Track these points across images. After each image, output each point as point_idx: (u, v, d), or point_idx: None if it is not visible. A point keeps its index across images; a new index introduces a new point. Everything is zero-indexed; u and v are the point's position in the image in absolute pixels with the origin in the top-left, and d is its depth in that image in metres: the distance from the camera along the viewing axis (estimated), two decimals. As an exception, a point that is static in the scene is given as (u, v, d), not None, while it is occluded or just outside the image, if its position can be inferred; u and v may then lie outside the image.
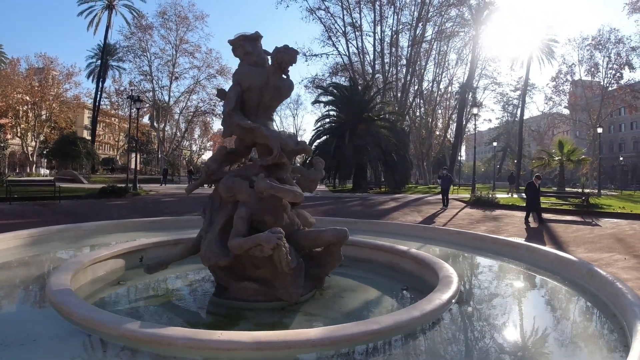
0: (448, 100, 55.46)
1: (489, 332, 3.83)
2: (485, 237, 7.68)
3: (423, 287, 5.01)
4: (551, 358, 3.23)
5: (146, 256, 5.91)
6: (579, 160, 25.79)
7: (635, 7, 36.97)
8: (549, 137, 61.04)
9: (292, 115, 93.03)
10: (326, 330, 2.88)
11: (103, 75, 48.92)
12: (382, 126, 32.20)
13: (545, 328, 3.91)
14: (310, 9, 42.91)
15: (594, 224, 13.20)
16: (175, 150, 58.43)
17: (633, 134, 69.71)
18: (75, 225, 7.44)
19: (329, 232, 4.62)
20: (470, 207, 18.22)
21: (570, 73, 50.23)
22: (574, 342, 3.54)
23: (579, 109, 53.37)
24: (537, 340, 3.62)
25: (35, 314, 3.69)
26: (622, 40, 44.31)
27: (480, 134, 73.25)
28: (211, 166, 4.80)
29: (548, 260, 5.89)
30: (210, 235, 4.38)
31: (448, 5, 42.34)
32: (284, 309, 4.28)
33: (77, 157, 38.08)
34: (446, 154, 57.70)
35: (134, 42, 46.49)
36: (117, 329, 2.78)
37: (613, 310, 3.96)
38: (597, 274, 4.80)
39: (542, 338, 3.67)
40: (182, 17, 47.74)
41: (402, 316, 3.26)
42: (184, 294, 4.98)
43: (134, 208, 14.51)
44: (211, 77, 50.05)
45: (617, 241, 9.47)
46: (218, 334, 2.64)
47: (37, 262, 5.80)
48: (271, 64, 4.73)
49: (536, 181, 14.12)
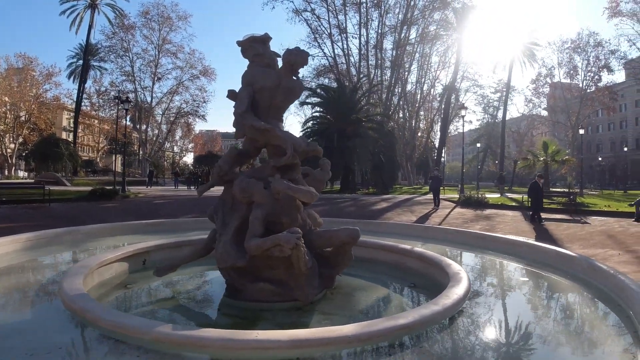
0: (430, 102, 56.20)
1: (507, 322, 4.00)
2: (485, 235, 7.85)
3: (430, 285, 5.13)
4: (570, 342, 3.44)
5: (149, 259, 5.85)
6: (563, 161, 26.49)
7: (615, 12, 38.10)
8: (528, 138, 62.44)
9: None
10: (360, 326, 2.91)
11: (84, 76, 47.95)
12: (369, 128, 32.43)
13: (557, 317, 4.13)
14: (296, 11, 42.98)
15: (583, 221, 13.56)
16: (158, 152, 57.65)
17: (610, 135, 71.92)
18: (72, 229, 7.29)
19: (342, 232, 4.66)
20: (460, 207, 18.53)
21: (549, 75, 51.57)
22: (587, 329, 3.76)
23: (558, 110, 54.76)
24: (553, 328, 3.81)
25: (53, 321, 3.58)
26: (601, 44, 45.66)
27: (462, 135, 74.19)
28: (223, 167, 4.78)
29: (549, 257, 6.06)
30: (225, 237, 4.36)
31: (432, 8, 42.94)
32: (300, 309, 4.29)
33: (59, 159, 37.16)
34: (429, 156, 58.58)
35: (116, 42, 45.88)
36: (149, 332, 2.73)
37: (617, 301, 4.13)
38: (599, 268, 4.99)
39: (556, 325, 3.87)
40: (165, 17, 47.40)
41: (426, 311, 3.33)
42: (195, 296, 4.96)
43: (127, 210, 14.28)
44: (194, 78, 49.75)
45: (608, 238, 9.78)
46: (255, 333, 2.64)
47: (41, 267, 5.70)
48: (283, 65, 4.75)
49: (539, 180, 14.32)
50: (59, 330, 3.32)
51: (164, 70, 49.12)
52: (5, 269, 5.35)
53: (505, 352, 3.27)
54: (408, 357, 2.96)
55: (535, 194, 13.78)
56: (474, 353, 3.20)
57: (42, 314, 3.81)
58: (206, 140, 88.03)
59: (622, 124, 70.01)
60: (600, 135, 72.94)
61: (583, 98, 48.66)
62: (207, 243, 4.97)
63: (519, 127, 64.54)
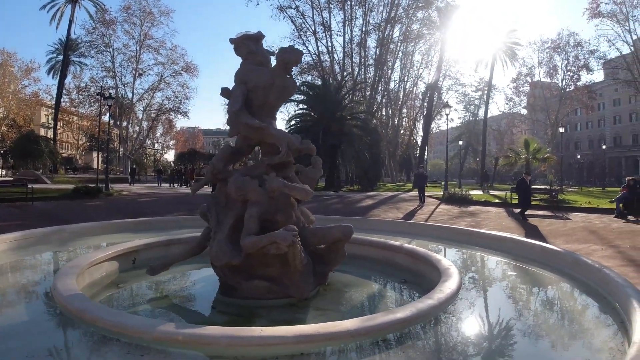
0: (413, 101, 56.76)
1: (499, 314, 4.16)
2: (471, 231, 8.01)
3: (420, 280, 5.24)
4: (560, 331, 3.63)
5: (139, 258, 5.80)
6: (544, 159, 27.16)
7: (595, 12, 39.06)
8: (508, 136, 63.71)
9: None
10: (360, 320, 2.96)
11: (64, 71, 46.86)
12: (354, 125, 32.59)
13: (546, 308, 4.34)
14: (280, 7, 42.78)
15: (565, 218, 13.91)
16: (139, 149, 56.77)
17: (588, 133, 73.93)
18: (59, 228, 7.16)
19: (336, 229, 4.72)
20: (445, 204, 18.83)
21: (530, 75, 52.69)
22: (577, 320, 3.92)
23: (538, 109, 56.01)
24: (544, 318, 4.02)
25: (49, 322, 3.54)
26: (580, 44, 46.83)
27: (443, 133, 75.44)
28: (217, 165, 4.78)
29: (534, 252, 6.20)
30: (220, 235, 4.36)
31: (416, 7, 43.29)
32: (294, 306, 4.33)
33: (40, 156, 36.24)
34: (411, 153, 59.29)
35: (97, 37, 44.90)
36: (152, 332, 2.70)
37: (603, 294, 4.30)
38: (584, 263, 5.15)
39: (547, 316, 4.09)
40: (147, 12, 46.64)
41: (423, 305, 3.41)
42: (188, 295, 4.96)
43: (112, 209, 14.05)
44: (176, 74, 49.10)
45: (590, 233, 10.09)
46: (259, 330, 2.67)
47: (31, 267, 5.60)
48: (276, 63, 4.76)
49: (526, 178, 14.51)
50: (56, 331, 3.29)
51: (146, 66, 48.38)
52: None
53: (499, 340, 3.44)
54: (405, 350, 3.03)
55: (523, 191, 13.94)
56: (470, 342, 3.34)
57: (37, 315, 3.74)
58: (188, 137, 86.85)
59: (600, 122, 72.03)
60: (579, 134, 74.88)
61: (562, 97, 49.89)
62: (200, 241, 4.97)
63: (500, 125, 65.80)
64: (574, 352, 3.24)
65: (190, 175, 35.00)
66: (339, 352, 2.86)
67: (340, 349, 2.86)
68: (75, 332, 3.18)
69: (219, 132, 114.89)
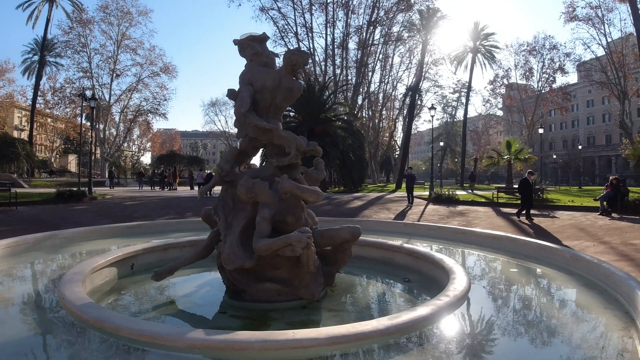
0: (392, 102, 57.39)
1: (509, 307, 4.38)
2: (466, 230, 8.15)
3: (422, 279, 5.32)
4: (573, 323, 3.81)
5: (136, 263, 5.70)
6: (526, 159, 27.89)
7: (571, 16, 40.23)
8: (485, 137, 65.12)
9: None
10: (389, 319, 2.99)
11: (41, 72, 45.48)
12: (339, 127, 32.71)
13: (554, 302, 4.52)
14: (262, 8, 42.63)
15: (552, 216, 14.27)
16: (117, 152, 55.55)
17: (562, 133, 76.17)
18: (51, 233, 6.94)
19: (344, 230, 4.74)
20: (433, 204, 19.09)
21: (506, 77, 54.00)
22: (585, 312, 4.07)
23: (515, 110, 57.44)
24: (553, 311, 4.17)
25: (65, 333, 3.38)
26: (556, 47, 48.27)
27: (421, 134, 76.86)
28: (224, 167, 4.72)
29: (530, 249, 6.37)
30: (232, 238, 4.30)
31: (397, 10, 43.77)
32: (305, 307, 4.33)
33: (16, 159, 34.97)
34: (390, 155, 59.94)
35: (73, 37, 43.75)
36: (182, 339, 2.63)
37: (604, 287, 4.49)
38: (582, 258, 5.34)
39: (555, 309, 4.24)
40: (125, 12, 45.75)
41: (441, 302, 3.47)
42: (194, 299, 4.84)
43: (100, 213, 13.71)
44: (154, 75, 48.31)
45: (579, 230, 10.40)
46: (291, 333, 2.66)
47: (30, 275, 5.42)
48: (283, 65, 4.74)
49: (529, 177, 14.37)
50: (75, 343, 3.15)
51: (123, 67, 47.45)
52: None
53: (516, 329, 3.64)
54: (432, 346, 3.09)
55: (525, 191, 13.86)
56: (492, 333, 3.56)
57: (50, 327, 3.57)
58: (165, 139, 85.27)
59: (573, 123, 74.31)
60: (553, 134, 77.06)
61: (538, 98, 51.29)
62: (207, 245, 4.90)
63: (476, 126, 67.18)
64: (590, 339, 3.40)
65: (173, 178, 34.45)
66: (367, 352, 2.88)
67: (369, 348, 2.87)
68: (95, 344, 3.05)
69: (197, 134, 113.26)
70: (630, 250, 7.64)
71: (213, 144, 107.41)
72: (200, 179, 27.53)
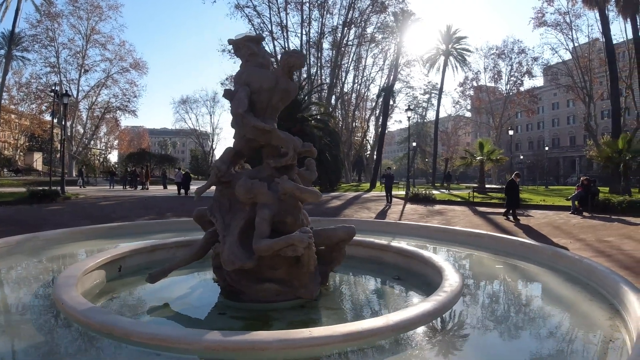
0: (365, 103, 58.04)
1: (501, 301, 4.70)
2: (448, 229, 8.38)
3: (411, 276, 5.46)
4: (563, 313, 4.11)
5: (124, 265, 5.59)
6: (497, 160, 28.81)
7: (540, 22, 41.69)
8: (454, 138, 66.85)
9: (208, 114, 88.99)
10: (397, 315, 3.11)
11: (7, 67, 43.37)
12: (315, 126, 32.76)
13: (543, 296, 4.82)
14: (238, 6, 42.12)
15: (526, 214, 14.77)
16: (84, 150, 53.73)
17: (528, 135, 79.03)
18: (32, 235, 6.68)
19: (340, 230, 4.83)
20: (410, 203, 19.47)
21: (475, 79, 55.57)
22: (572, 304, 4.30)
23: (483, 112, 59.19)
24: (543, 304, 4.52)
25: (71, 340, 3.28)
26: (524, 51, 49.98)
27: (391, 134, 78.19)
28: (221, 168, 4.69)
29: (513, 247, 6.63)
30: (231, 239, 4.28)
31: (372, 11, 44.22)
32: (303, 307, 4.37)
33: (-19, 158, 33.29)
34: (362, 154, 60.63)
35: (41, 30, 42.09)
36: (200, 342, 2.62)
37: (586, 281, 4.76)
38: (564, 255, 5.62)
39: (545, 302, 4.58)
40: (95, 6, 44.45)
41: (442, 298, 3.61)
42: (189, 301, 4.75)
43: (76, 213, 13.23)
44: (124, 71, 47.12)
45: (555, 228, 10.86)
46: (307, 331, 2.71)
47: (18, 279, 5.19)
48: (280, 66, 4.76)
49: (516, 179, 14.56)
50: (85, 350, 3.07)
51: (92, 62, 46.09)
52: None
53: (511, 320, 3.93)
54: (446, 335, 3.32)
55: (512, 192, 14.04)
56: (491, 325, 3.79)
57: (54, 334, 3.45)
58: (132, 137, 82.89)
59: (539, 124, 77.20)
60: (519, 135, 79.83)
61: (506, 101, 53.02)
62: (202, 245, 4.86)
63: (446, 127, 68.82)
64: (581, 329, 3.69)
65: (146, 177, 33.61)
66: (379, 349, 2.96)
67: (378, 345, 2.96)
68: (109, 349, 2.97)
69: (165, 132, 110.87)
70: (605, 247, 8.07)
71: (182, 142, 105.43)
72: (178, 178, 26.99)
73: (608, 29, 29.14)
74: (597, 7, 29.90)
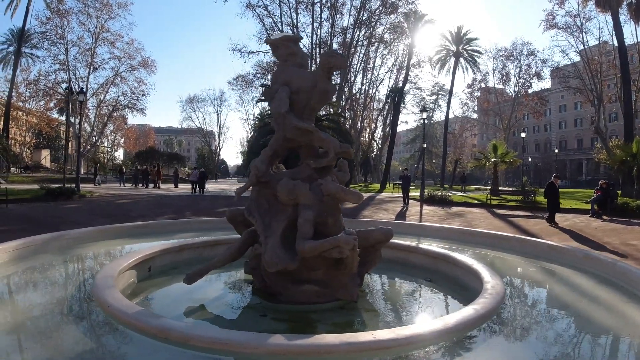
0: (373, 103, 57.95)
1: (544, 303, 4.78)
2: (474, 231, 8.33)
3: (441, 278, 5.43)
4: (605, 313, 4.19)
5: (153, 265, 5.59)
6: (511, 162, 28.70)
7: (551, 24, 41.36)
8: (461, 139, 66.64)
9: (215, 113, 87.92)
10: (453, 317, 3.11)
11: (16, 63, 43.64)
12: (328, 127, 32.66)
13: (580, 297, 4.73)
14: (249, 5, 42.14)
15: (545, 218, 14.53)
16: (92, 148, 53.96)
17: (535, 137, 78.59)
18: (58, 234, 6.70)
19: (377, 232, 4.79)
20: (427, 205, 19.46)
21: (484, 81, 55.36)
22: (611, 304, 4.33)
23: (491, 113, 58.92)
24: (583, 305, 4.44)
25: (131, 346, 3.12)
26: (533, 53, 49.66)
27: (397, 135, 77.96)
28: (261, 168, 4.68)
29: (541, 250, 6.58)
30: (273, 240, 4.26)
31: (384, 12, 44.08)
32: (342, 308, 4.34)
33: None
34: (369, 155, 60.62)
35: (50, 28, 42.25)
36: (262, 346, 2.60)
37: (620, 284, 4.75)
38: (596, 258, 5.58)
39: (584, 303, 4.49)
40: (104, 4, 44.44)
41: (489, 301, 3.61)
42: (225, 302, 4.67)
43: (94, 212, 13.26)
44: (133, 69, 47.16)
45: (577, 232, 10.75)
46: (370, 335, 2.69)
47: (51, 280, 5.14)
48: (320, 67, 4.72)
49: (556, 181, 14.03)
50: (149, 356, 2.99)
51: (101, 60, 46.18)
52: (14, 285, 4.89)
53: (558, 322, 3.95)
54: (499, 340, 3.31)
55: (552, 195, 13.49)
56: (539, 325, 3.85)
57: (100, 338, 3.37)
58: (139, 135, 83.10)
59: (546, 127, 76.78)
60: (527, 137, 79.33)
61: (514, 103, 52.75)
62: (240, 246, 4.85)
63: (453, 128, 68.67)
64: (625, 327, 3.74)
65: (158, 175, 33.68)
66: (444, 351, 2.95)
67: (440, 346, 2.95)
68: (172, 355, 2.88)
69: (171, 130, 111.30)
70: (632, 250, 8.02)
71: (188, 140, 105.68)
72: (194, 177, 27.15)
73: (621, 33, 28.79)
74: (610, 10, 29.62)
